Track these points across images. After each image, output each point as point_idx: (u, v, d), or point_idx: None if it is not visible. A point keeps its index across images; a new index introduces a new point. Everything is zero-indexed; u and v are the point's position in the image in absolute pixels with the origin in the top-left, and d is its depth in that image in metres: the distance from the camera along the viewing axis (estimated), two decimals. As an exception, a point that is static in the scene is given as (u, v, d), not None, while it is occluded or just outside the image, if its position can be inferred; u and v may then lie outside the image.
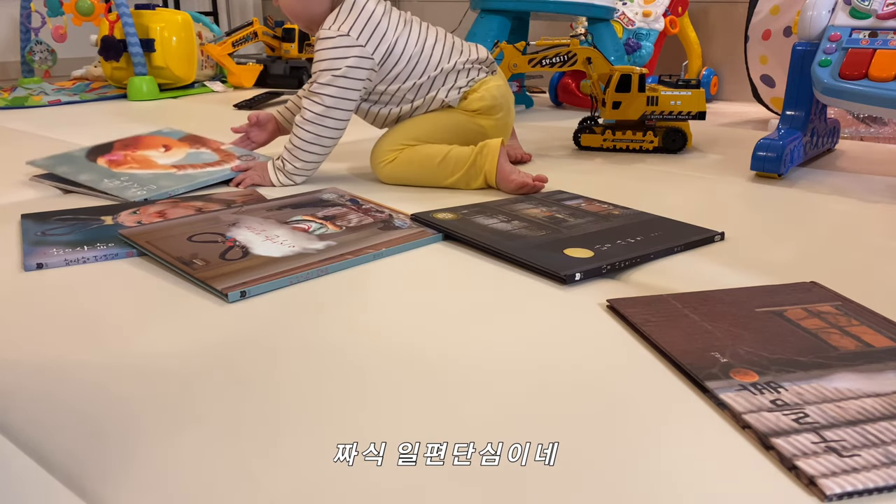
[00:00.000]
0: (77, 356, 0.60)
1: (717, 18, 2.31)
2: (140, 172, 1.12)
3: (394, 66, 1.11)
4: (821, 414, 0.50)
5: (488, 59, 1.19)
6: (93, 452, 0.47)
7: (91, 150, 1.20)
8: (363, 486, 0.43)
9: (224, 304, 0.69)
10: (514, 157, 1.31)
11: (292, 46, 2.39)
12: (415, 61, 1.12)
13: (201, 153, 1.21)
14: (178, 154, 1.21)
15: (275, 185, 1.11)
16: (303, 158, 1.10)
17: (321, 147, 1.10)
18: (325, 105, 1.07)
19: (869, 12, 1.18)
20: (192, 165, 1.16)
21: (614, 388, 0.55)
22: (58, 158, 1.17)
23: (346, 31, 1.07)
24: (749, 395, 0.52)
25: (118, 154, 1.18)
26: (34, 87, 2.20)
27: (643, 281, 0.76)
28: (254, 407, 0.52)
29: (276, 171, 1.12)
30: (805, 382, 0.54)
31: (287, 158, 1.11)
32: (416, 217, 0.93)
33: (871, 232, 0.94)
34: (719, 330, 0.63)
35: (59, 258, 0.79)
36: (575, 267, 0.76)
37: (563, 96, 2.08)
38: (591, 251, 0.81)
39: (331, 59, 1.07)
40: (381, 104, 1.16)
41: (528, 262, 0.78)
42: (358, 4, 1.08)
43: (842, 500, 0.43)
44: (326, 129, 1.09)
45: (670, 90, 1.39)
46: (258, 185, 1.11)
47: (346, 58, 1.07)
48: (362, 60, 1.08)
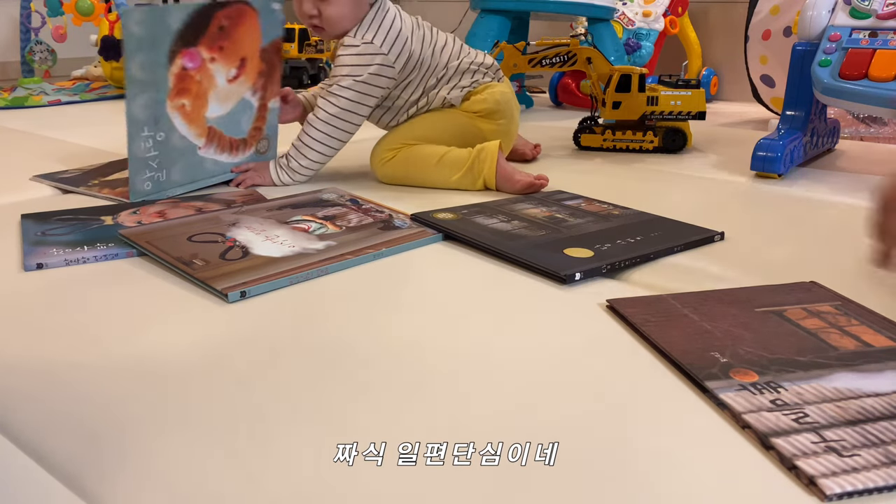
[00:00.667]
0: (77, 356, 0.60)
1: (717, 18, 2.31)
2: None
3: (410, 73, 1.13)
4: (820, 414, 0.50)
5: (494, 65, 1.20)
6: (92, 452, 0.47)
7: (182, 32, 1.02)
8: (363, 486, 0.43)
9: (224, 304, 0.69)
10: (522, 153, 1.32)
11: (292, 46, 2.39)
12: (426, 65, 1.14)
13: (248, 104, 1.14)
14: (233, 96, 1.11)
15: (276, 184, 1.12)
16: (309, 157, 1.11)
17: (329, 148, 1.11)
18: (341, 107, 1.08)
19: (869, 12, 1.18)
20: (220, 138, 1.11)
21: (614, 388, 0.55)
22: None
23: (369, 39, 1.08)
24: (749, 395, 0.52)
25: (196, 58, 1.05)
26: (34, 87, 2.20)
27: (643, 281, 0.76)
28: (253, 407, 0.52)
29: (279, 168, 1.12)
30: (805, 382, 0.54)
31: (293, 155, 1.11)
32: (416, 217, 0.93)
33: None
34: (719, 330, 0.62)
35: (59, 258, 0.79)
36: (575, 267, 0.76)
37: (563, 96, 2.08)
38: (591, 251, 0.81)
39: (354, 66, 1.08)
40: (390, 109, 1.17)
41: (529, 262, 0.78)
42: (380, 14, 1.10)
43: (842, 500, 0.43)
44: (338, 130, 1.09)
45: (670, 90, 1.39)
46: (258, 185, 1.11)
47: (370, 65, 1.08)
48: (384, 69, 1.09)
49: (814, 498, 0.43)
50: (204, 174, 1.11)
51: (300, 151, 1.11)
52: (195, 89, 1.06)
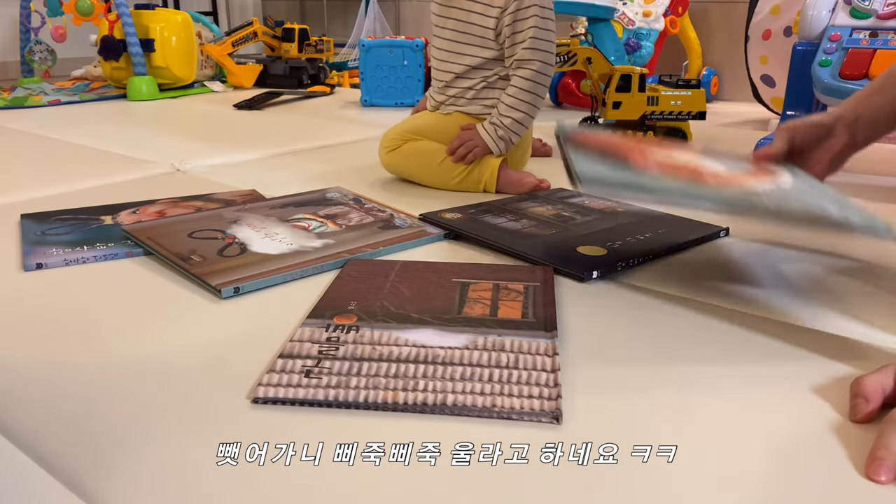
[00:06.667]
0: (76, 356, 0.60)
1: (717, 18, 2.31)
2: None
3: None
4: (350, 349, 0.57)
5: None
6: (92, 452, 0.47)
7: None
8: (363, 486, 0.43)
9: (222, 303, 0.69)
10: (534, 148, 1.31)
11: (292, 46, 2.39)
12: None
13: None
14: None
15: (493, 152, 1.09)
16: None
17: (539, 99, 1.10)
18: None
19: (869, 12, 1.18)
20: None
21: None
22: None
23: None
24: (319, 331, 0.60)
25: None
26: (34, 87, 2.20)
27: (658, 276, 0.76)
28: (253, 406, 0.52)
29: (496, 139, 1.09)
30: (388, 332, 0.60)
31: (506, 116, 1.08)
32: (424, 217, 0.93)
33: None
34: (394, 291, 0.69)
35: (58, 258, 0.79)
36: (592, 265, 0.76)
37: (563, 96, 2.08)
38: (604, 249, 0.81)
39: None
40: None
41: (547, 263, 0.78)
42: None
43: (266, 405, 0.51)
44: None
45: (670, 90, 1.39)
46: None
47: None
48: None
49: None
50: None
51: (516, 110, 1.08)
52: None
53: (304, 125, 1.75)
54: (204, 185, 1.13)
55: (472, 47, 1.10)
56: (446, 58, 1.12)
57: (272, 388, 0.52)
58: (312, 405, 0.51)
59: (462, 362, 0.56)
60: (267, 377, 0.54)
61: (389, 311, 0.65)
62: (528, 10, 1.05)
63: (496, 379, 0.53)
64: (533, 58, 1.06)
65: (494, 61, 1.10)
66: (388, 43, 1.99)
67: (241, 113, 1.90)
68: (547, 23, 1.07)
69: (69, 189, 1.11)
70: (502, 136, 1.08)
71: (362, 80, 1.99)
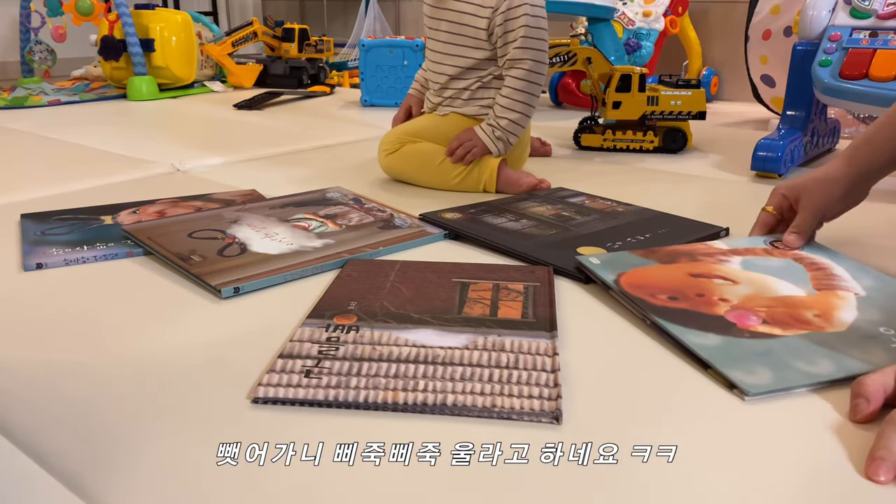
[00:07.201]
0: (76, 356, 0.60)
1: (717, 18, 2.31)
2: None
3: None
4: (350, 349, 0.57)
5: None
6: (92, 452, 0.47)
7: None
8: (363, 486, 0.43)
9: (222, 303, 0.69)
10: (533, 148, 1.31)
11: (292, 46, 2.39)
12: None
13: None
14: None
15: (493, 152, 1.09)
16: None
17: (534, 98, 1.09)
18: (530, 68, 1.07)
19: (869, 12, 1.18)
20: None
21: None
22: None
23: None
24: (319, 331, 0.60)
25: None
26: (34, 87, 2.20)
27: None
28: (253, 406, 0.52)
29: (493, 139, 1.09)
30: (388, 332, 0.60)
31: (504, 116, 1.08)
32: (424, 217, 0.93)
33: (872, 232, 0.94)
34: (394, 291, 0.69)
35: (58, 258, 0.79)
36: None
37: (563, 96, 2.08)
38: (603, 249, 0.81)
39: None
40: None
41: (548, 263, 0.78)
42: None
43: (266, 405, 0.51)
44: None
45: (670, 90, 1.39)
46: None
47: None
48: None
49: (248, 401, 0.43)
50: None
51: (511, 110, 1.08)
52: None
53: (304, 125, 1.75)
54: (204, 184, 1.13)
55: (465, 48, 1.10)
56: (440, 59, 1.13)
57: (272, 388, 0.52)
58: (312, 405, 0.51)
59: (462, 362, 0.56)
60: (267, 377, 0.54)
61: (389, 311, 0.65)
62: (518, 10, 1.05)
63: (496, 379, 0.53)
64: (525, 57, 1.06)
65: (488, 61, 1.10)
66: (388, 43, 1.99)
67: (241, 113, 1.90)
68: (538, 21, 1.07)
69: (69, 189, 1.11)
70: (500, 136, 1.08)
71: (362, 80, 1.99)
